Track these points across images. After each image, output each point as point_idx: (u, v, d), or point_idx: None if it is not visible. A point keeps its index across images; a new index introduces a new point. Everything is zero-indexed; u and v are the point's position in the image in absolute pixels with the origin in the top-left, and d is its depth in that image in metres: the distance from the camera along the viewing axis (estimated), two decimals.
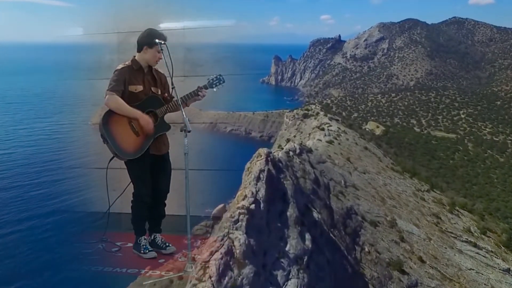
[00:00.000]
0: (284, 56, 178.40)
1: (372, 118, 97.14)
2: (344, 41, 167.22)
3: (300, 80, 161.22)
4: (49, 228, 36.20)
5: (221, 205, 63.32)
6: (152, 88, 3.87)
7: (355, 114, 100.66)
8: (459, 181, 51.91)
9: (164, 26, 4.43)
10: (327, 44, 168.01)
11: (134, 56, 3.86)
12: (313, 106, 52.20)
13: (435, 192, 31.32)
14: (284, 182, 17.55)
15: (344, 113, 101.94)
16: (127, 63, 3.82)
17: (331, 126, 37.63)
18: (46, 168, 67.32)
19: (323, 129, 33.03)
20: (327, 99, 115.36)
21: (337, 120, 41.72)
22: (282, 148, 23.64)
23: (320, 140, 29.84)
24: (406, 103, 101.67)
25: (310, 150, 25.15)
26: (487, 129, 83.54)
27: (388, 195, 25.25)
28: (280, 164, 19.05)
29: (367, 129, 57.76)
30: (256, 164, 17.57)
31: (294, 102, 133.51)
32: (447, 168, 56.49)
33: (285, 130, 50.76)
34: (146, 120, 3.64)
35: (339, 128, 36.81)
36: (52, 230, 35.40)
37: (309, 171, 21.57)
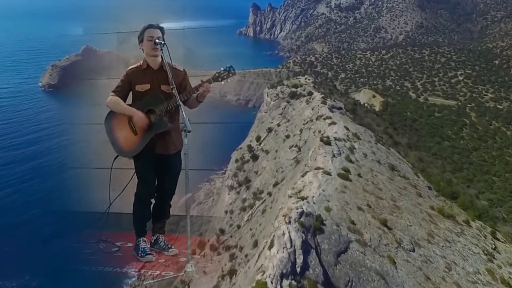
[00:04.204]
0: (263, 4, 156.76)
1: (362, 79, 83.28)
2: None
3: (281, 32, 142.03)
4: (48, 228, 34.14)
5: (188, 195, 50.63)
6: (162, 86, 3.62)
7: (342, 75, 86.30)
8: (478, 173, 40.46)
9: (164, 26, 3.83)
10: None
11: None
12: (302, 80, 37.75)
13: (501, 241, 19.15)
14: None
15: (330, 73, 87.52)
16: (137, 64, 3.70)
17: (334, 124, 24.03)
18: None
19: (328, 142, 19.36)
20: (311, 56, 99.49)
21: (339, 109, 27.90)
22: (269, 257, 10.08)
23: (329, 174, 16.35)
24: (398, 62, 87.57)
25: (321, 224, 11.94)
26: (488, 94, 71.74)
27: None
28: None
29: (366, 105, 44.27)
30: None
31: (274, 58, 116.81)
32: (460, 153, 44.72)
33: (266, 112, 36.59)
34: (138, 117, 3.50)
35: (347, 130, 23.28)
36: (51, 230, 33.15)
37: None
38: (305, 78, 38.26)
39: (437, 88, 74.68)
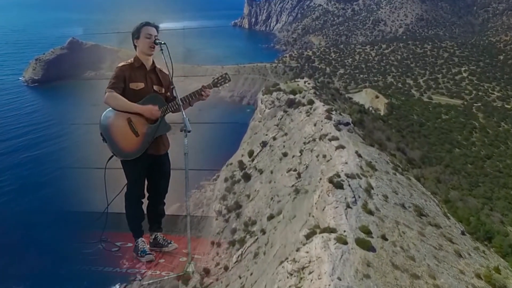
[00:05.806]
0: None
1: (362, 76, 77.98)
2: None
3: (276, 23, 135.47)
4: (48, 228, 31.73)
5: (177, 205, 45.57)
6: (155, 87, 3.50)
7: (341, 70, 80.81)
8: (496, 187, 35.81)
9: (164, 26, 3.78)
10: None
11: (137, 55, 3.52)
12: (301, 83, 32.60)
13: None
14: None
15: (328, 69, 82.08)
16: (129, 61, 3.48)
17: (343, 148, 19.06)
18: None
19: (339, 185, 14.46)
20: (308, 50, 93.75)
21: (347, 124, 22.88)
22: None
23: (345, 243, 11.50)
24: (399, 57, 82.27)
25: None
26: (495, 92, 66.92)
27: None
28: None
29: (371, 109, 39.26)
30: None
31: (270, 51, 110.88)
32: (473, 162, 40.02)
33: (260, 122, 31.49)
34: (149, 111, 3.29)
35: (360, 157, 18.35)
36: (51, 230, 30.87)
37: None
38: (305, 82, 33.03)
39: (441, 85, 69.74)
